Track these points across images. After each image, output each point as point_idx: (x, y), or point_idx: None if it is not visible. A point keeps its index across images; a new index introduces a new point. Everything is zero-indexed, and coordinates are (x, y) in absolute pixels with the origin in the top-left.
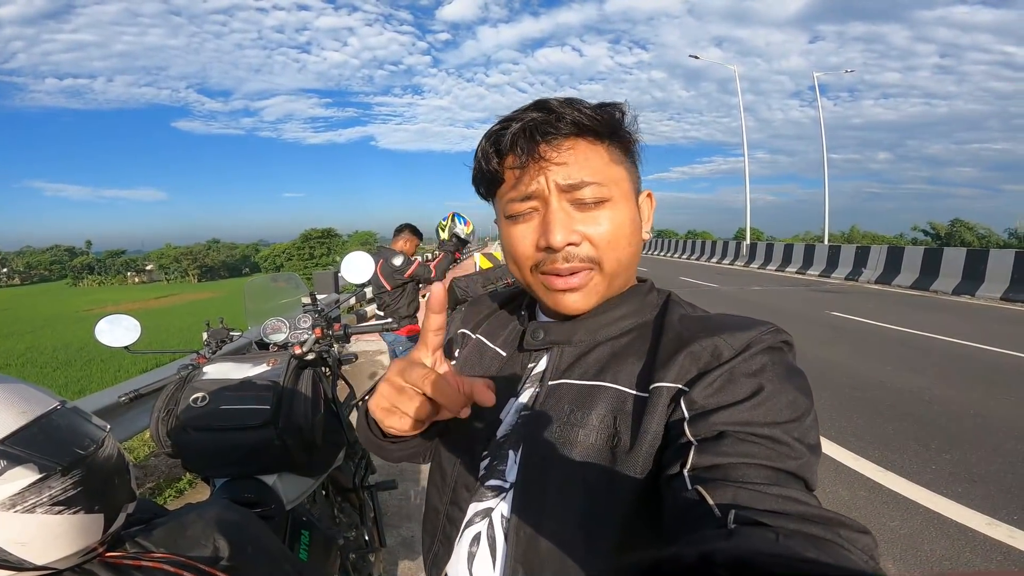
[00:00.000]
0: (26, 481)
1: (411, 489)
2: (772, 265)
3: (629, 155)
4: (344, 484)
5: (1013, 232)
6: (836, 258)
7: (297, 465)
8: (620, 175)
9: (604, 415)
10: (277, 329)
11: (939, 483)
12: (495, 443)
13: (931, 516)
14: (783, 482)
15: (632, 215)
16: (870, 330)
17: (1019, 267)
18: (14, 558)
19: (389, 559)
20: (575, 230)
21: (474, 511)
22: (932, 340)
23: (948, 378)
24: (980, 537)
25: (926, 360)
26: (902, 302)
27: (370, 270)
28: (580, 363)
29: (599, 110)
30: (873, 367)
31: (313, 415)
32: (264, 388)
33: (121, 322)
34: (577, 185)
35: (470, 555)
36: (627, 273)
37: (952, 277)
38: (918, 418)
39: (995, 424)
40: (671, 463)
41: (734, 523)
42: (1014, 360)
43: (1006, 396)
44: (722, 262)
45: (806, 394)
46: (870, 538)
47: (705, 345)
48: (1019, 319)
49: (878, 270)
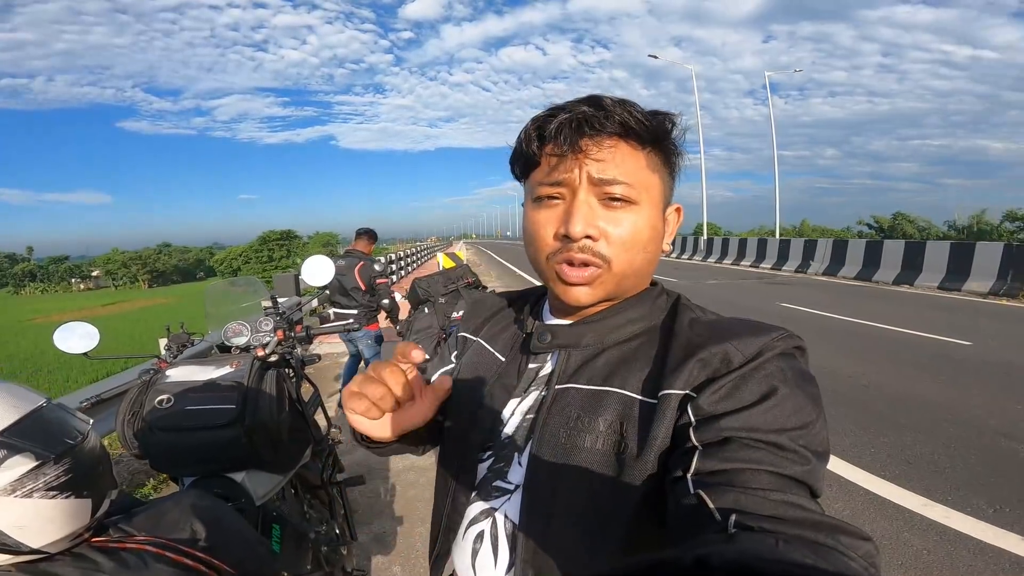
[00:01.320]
0: (24, 468)
1: (381, 487)
2: (728, 259)
3: (668, 166)
4: (312, 481)
5: (952, 224)
6: (787, 251)
7: (265, 462)
8: (653, 183)
9: (612, 421)
10: (238, 332)
11: (877, 465)
12: (499, 444)
13: (870, 497)
14: (787, 488)
15: (654, 223)
16: (816, 320)
17: (955, 258)
18: (12, 541)
19: (362, 554)
20: (595, 224)
21: (479, 510)
22: (872, 328)
23: (885, 364)
24: (917, 517)
25: (865, 347)
26: (846, 292)
27: (330, 273)
28: (588, 367)
29: (649, 117)
30: (817, 355)
31: (278, 413)
32: (229, 388)
33: (79, 329)
34: (608, 182)
35: (473, 551)
36: (638, 278)
37: (892, 268)
38: (858, 403)
39: (930, 408)
40: (675, 467)
41: (734, 528)
42: (949, 346)
43: (940, 381)
44: (681, 257)
45: (815, 401)
46: (871, 545)
47: (715, 352)
48: (954, 306)
49: (825, 262)
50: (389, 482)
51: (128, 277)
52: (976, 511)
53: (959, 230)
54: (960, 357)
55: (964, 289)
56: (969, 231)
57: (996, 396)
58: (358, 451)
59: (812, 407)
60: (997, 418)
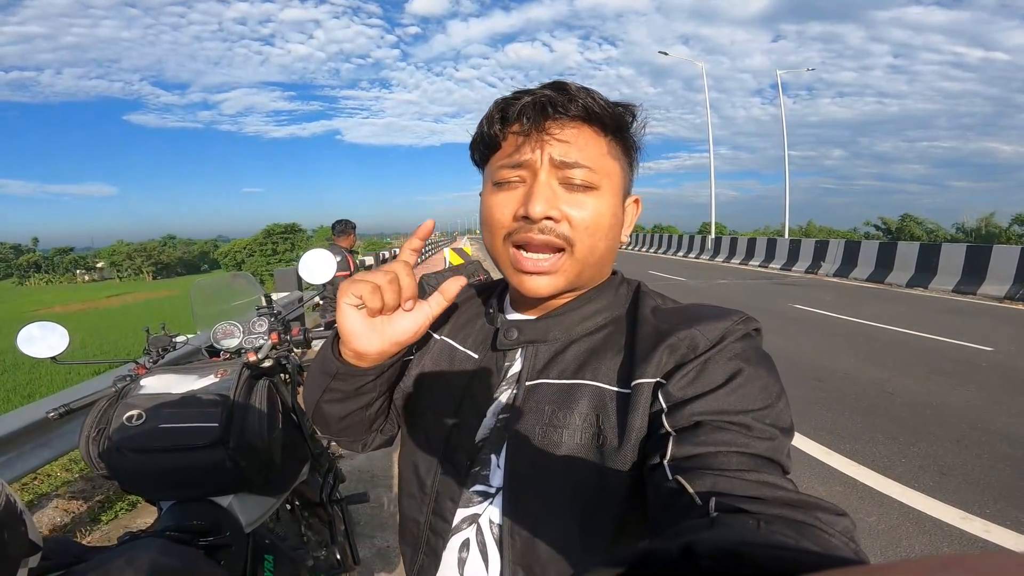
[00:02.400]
0: None
1: (384, 496)
2: (736, 259)
3: (627, 156)
4: (311, 498)
5: (960, 226)
6: (797, 252)
7: (254, 485)
8: (615, 170)
9: (587, 414)
10: (229, 334)
11: (910, 477)
12: (474, 447)
13: (906, 511)
14: (759, 467)
15: (615, 211)
16: (830, 322)
17: (970, 261)
18: None
19: (364, 572)
20: (557, 206)
21: (460, 517)
22: (890, 332)
23: (907, 369)
24: (956, 532)
25: (885, 352)
26: (859, 294)
27: (332, 269)
28: (557, 361)
29: (612, 105)
30: (836, 359)
31: (269, 432)
32: (211, 403)
33: (49, 331)
34: (570, 165)
35: (460, 561)
36: (599, 266)
37: (906, 270)
38: (882, 410)
39: (958, 416)
40: (652, 454)
41: (715, 511)
42: (970, 351)
43: (966, 388)
44: (688, 256)
45: (776, 379)
46: (848, 520)
47: (682, 337)
48: (969, 310)
49: (836, 263)
50: (393, 492)
51: (133, 269)
52: (1017, 525)
53: (967, 233)
54: (983, 363)
55: (979, 293)
56: (977, 234)
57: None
58: (358, 458)
59: (774, 385)
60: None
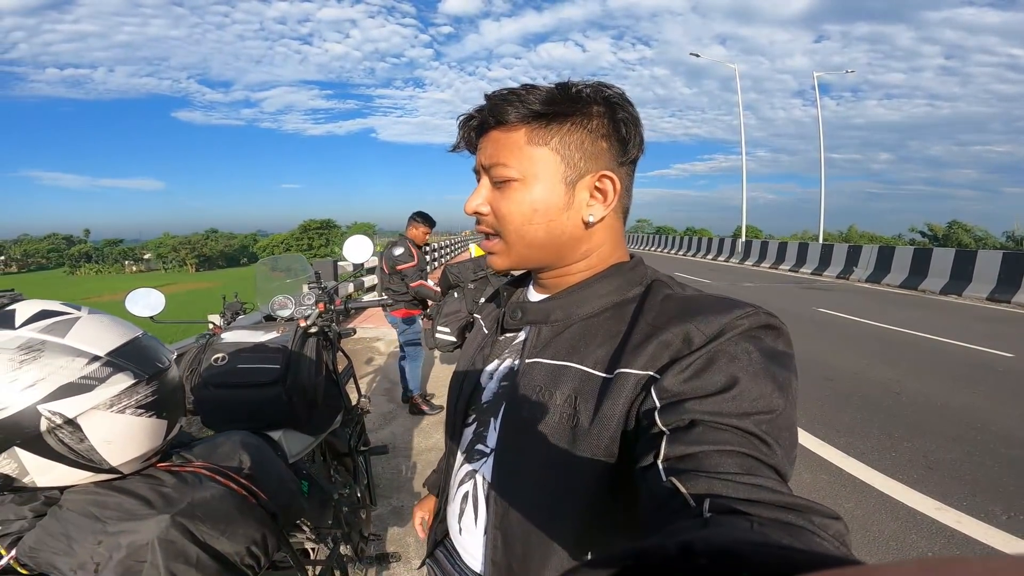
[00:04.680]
0: (123, 385)
1: (403, 464)
2: (766, 262)
3: (567, 136)
4: (340, 449)
5: (1010, 235)
6: (828, 257)
7: (300, 422)
8: (539, 156)
9: (568, 395)
10: (283, 305)
11: (896, 469)
12: (480, 409)
13: (884, 499)
14: (755, 470)
15: (543, 196)
16: (853, 326)
17: (1007, 268)
18: (98, 457)
19: (379, 524)
20: (485, 203)
21: (464, 472)
22: (911, 336)
23: (920, 372)
24: (928, 520)
25: (901, 355)
26: (889, 300)
27: (369, 252)
28: (554, 342)
29: (523, 100)
30: (849, 360)
31: (316, 376)
32: (275, 351)
33: (149, 295)
34: (490, 166)
35: (460, 511)
36: (538, 248)
37: (940, 277)
38: (885, 408)
39: (961, 417)
40: (644, 454)
41: (709, 512)
42: (989, 357)
43: (973, 390)
44: (718, 259)
45: (782, 386)
46: (841, 524)
47: (676, 332)
48: (1000, 318)
49: (869, 269)
50: (411, 460)
51: (177, 261)
52: (990, 517)
53: (1018, 241)
54: (1000, 368)
55: (1014, 301)
56: None
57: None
58: (384, 429)
59: (778, 393)
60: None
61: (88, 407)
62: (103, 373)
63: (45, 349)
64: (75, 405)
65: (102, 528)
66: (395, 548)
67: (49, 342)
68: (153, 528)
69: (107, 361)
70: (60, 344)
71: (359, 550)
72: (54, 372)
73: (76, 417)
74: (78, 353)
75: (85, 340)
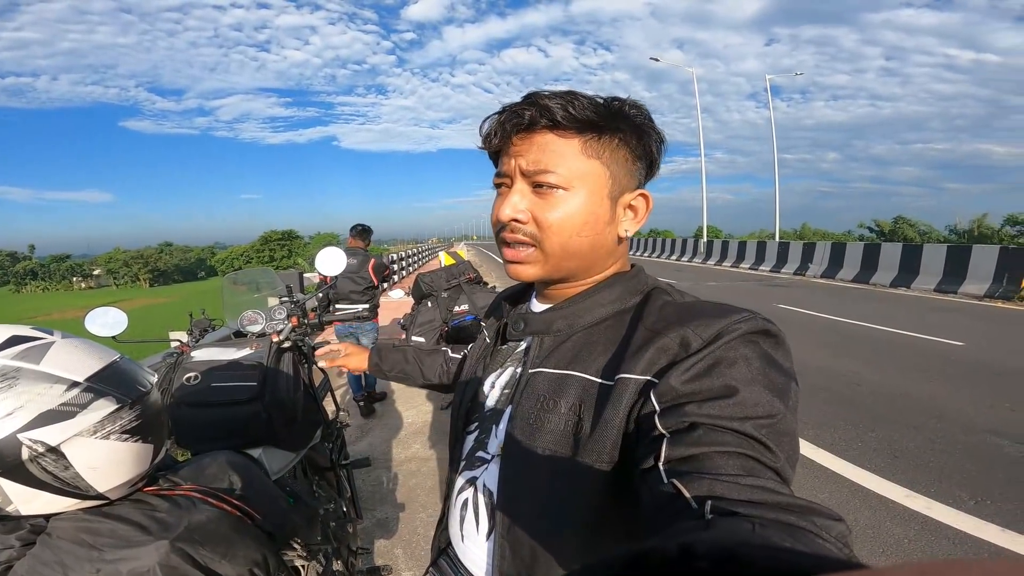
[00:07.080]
0: (106, 411)
1: (383, 475)
2: (728, 261)
3: (619, 152)
4: (321, 463)
5: (953, 228)
6: (785, 254)
7: (280, 439)
8: (591, 169)
9: (572, 403)
10: (254, 321)
11: (864, 459)
12: (482, 417)
13: (856, 488)
14: (756, 472)
15: (592, 208)
16: (812, 321)
17: (951, 261)
18: (84, 483)
19: (365, 538)
20: (523, 209)
21: (464, 479)
22: (867, 329)
23: (878, 363)
24: (899, 508)
25: (860, 348)
26: (843, 295)
27: (343, 264)
28: (557, 352)
29: (586, 107)
30: (812, 354)
31: (294, 392)
32: (250, 367)
33: (107, 314)
34: (536, 172)
35: (461, 518)
36: (582, 260)
37: (890, 271)
38: (849, 400)
39: (920, 405)
40: (645, 457)
41: (711, 514)
42: (942, 346)
43: (932, 380)
44: (681, 259)
45: (780, 391)
46: (843, 525)
47: (673, 337)
48: (948, 308)
49: (823, 265)
50: (391, 471)
51: (129, 276)
52: (958, 502)
53: (960, 234)
54: (953, 357)
55: (960, 292)
56: (970, 235)
57: (985, 395)
58: (362, 441)
59: (777, 398)
60: (985, 416)
61: (71, 434)
62: (84, 399)
63: (20, 377)
64: (57, 433)
65: (98, 556)
66: (383, 561)
67: (24, 369)
68: (153, 554)
69: (87, 387)
70: (35, 371)
71: (349, 565)
72: (32, 400)
73: (59, 445)
74: (55, 379)
75: (61, 366)
